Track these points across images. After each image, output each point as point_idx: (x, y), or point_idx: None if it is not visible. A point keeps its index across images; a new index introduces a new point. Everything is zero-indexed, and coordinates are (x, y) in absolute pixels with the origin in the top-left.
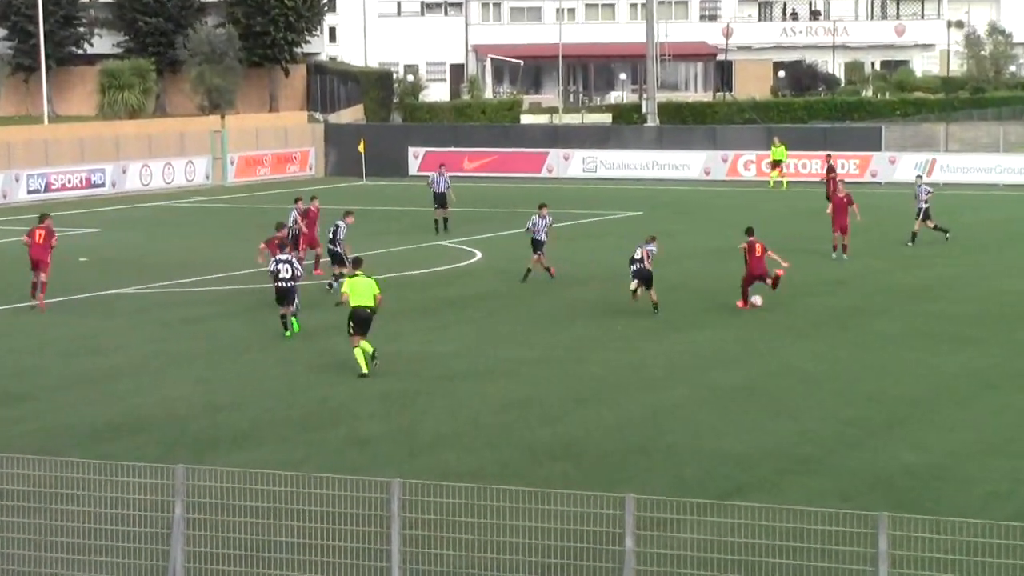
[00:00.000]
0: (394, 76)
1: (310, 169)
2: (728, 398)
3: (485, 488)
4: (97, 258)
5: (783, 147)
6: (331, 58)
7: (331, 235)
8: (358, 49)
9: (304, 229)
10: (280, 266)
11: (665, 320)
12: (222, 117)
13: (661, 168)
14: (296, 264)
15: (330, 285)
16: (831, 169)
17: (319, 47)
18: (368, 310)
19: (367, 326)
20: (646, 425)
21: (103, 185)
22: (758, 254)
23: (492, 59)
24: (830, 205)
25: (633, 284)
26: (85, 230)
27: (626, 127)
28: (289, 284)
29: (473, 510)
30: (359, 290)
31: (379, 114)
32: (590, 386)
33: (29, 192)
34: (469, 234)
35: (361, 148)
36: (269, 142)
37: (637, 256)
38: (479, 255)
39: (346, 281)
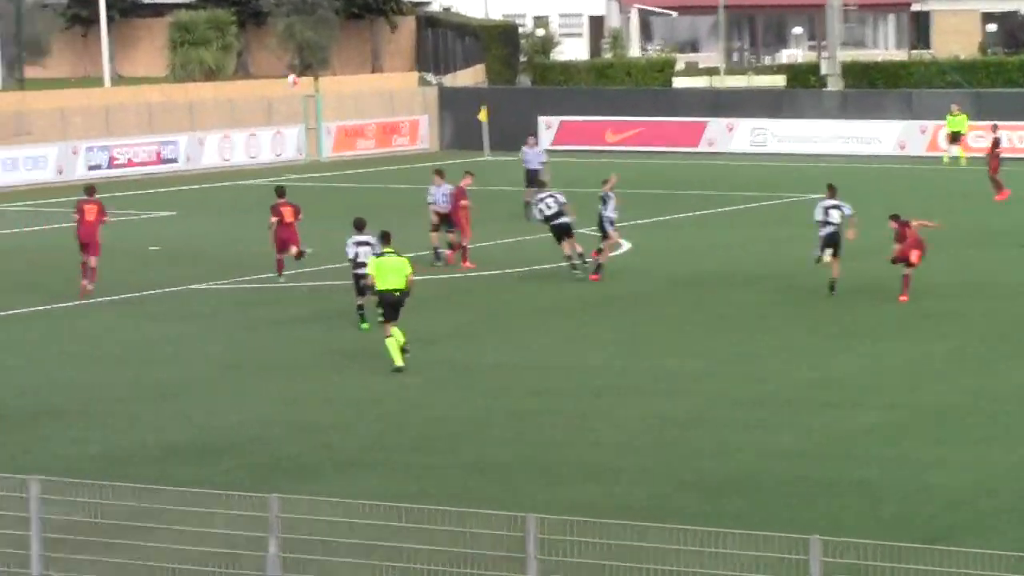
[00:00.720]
0: (521, 30)
1: (421, 141)
2: (932, 422)
3: (638, 526)
4: (169, 247)
5: (964, 116)
6: (445, 9)
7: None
8: None
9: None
10: (360, 249)
11: (850, 326)
12: (316, 79)
13: (845, 142)
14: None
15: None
16: (996, 143)
17: None
18: (397, 293)
19: (397, 311)
20: (834, 453)
21: (175, 160)
22: (910, 238)
23: (639, 10)
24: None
25: (825, 255)
26: (156, 214)
27: (802, 92)
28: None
29: (623, 553)
30: (387, 270)
31: (503, 75)
32: (764, 406)
33: (89, 168)
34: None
35: (482, 116)
36: (372, 109)
37: (832, 219)
38: (625, 246)
39: (372, 261)
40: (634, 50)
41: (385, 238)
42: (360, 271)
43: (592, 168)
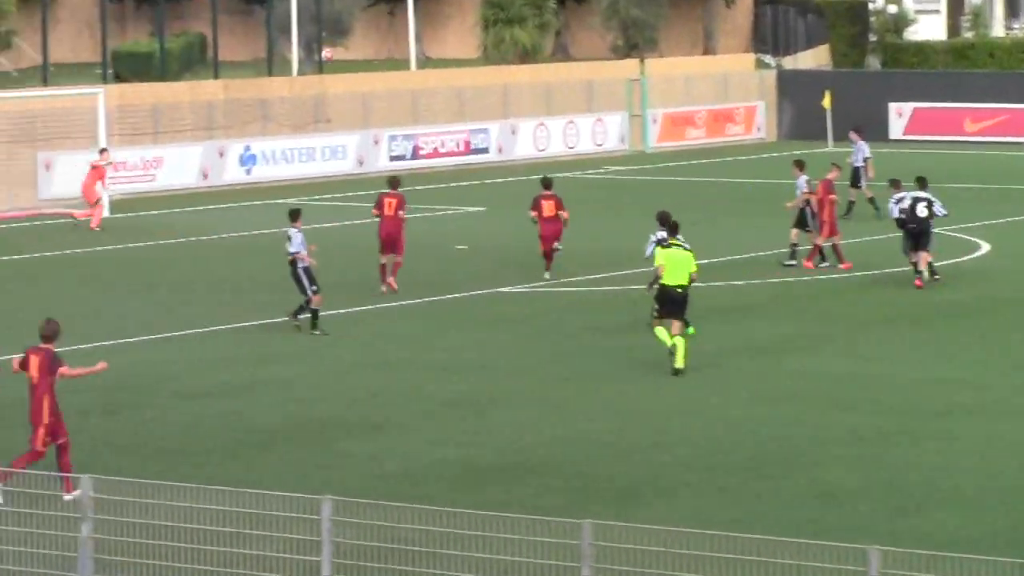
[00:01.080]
0: (871, 7)
1: (757, 130)
2: None
3: (1003, 563)
4: (477, 246)
5: None
6: None
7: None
8: None
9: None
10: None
11: None
12: (641, 61)
13: None
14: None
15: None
16: None
17: None
18: (680, 289)
19: (680, 309)
20: None
21: (486, 150)
22: None
23: None
24: None
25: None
26: (464, 209)
27: None
28: None
29: None
30: (675, 263)
31: (850, 57)
32: None
33: (392, 158)
34: (972, 219)
35: (826, 103)
36: (703, 94)
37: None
38: (985, 247)
39: (659, 252)
40: (998, 29)
41: (674, 228)
42: None
43: (948, 160)
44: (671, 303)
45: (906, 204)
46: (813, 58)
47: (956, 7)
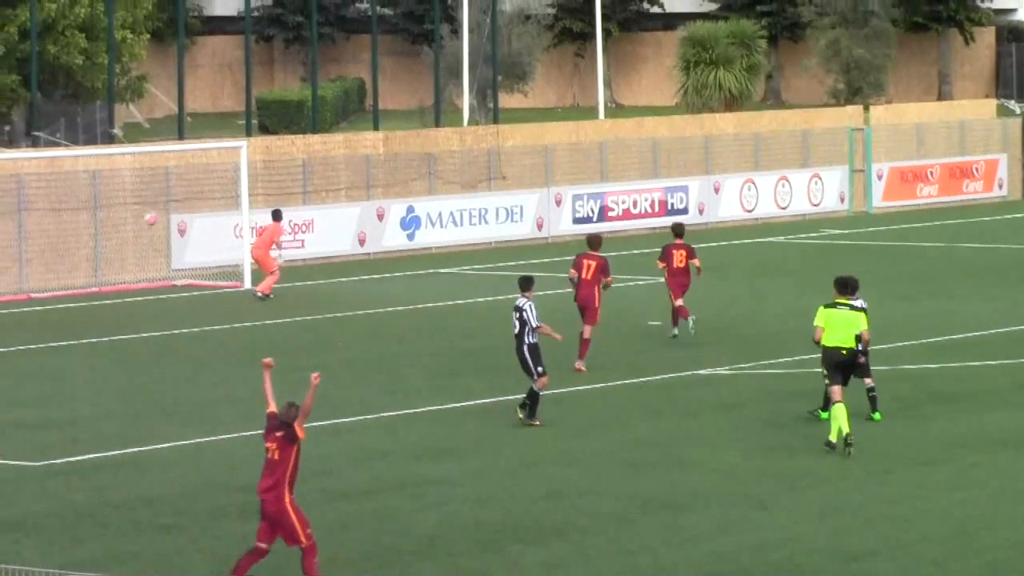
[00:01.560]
0: None
1: (999, 187)
2: None
3: None
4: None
5: None
6: None
7: None
8: None
9: None
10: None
11: None
12: (865, 108)
13: None
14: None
15: None
16: None
17: (1015, 0)
18: (845, 351)
19: (845, 373)
20: None
21: (685, 211)
22: None
23: None
24: None
25: None
26: (659, 279)
27: None
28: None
29: None
30: (836, 323)
31: None
32: None
33: (576, 220)
34: None
35: None
36: (936, 146)
37: None
38: None
39: (820, 312)
40: None
41: (844, 287)
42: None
43: None
44: (835, 367)
45: None
46: None
47: None
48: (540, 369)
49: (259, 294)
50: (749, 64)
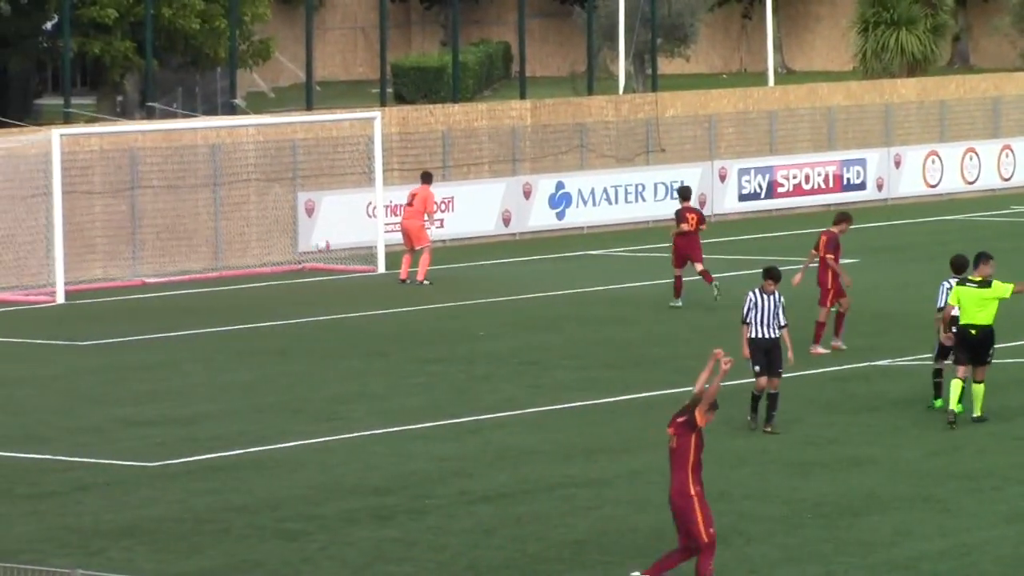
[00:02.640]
0: None
1: None
2: None
3: None
4: (867, 312)
5: None
6: None
7: None
8: None
9: None
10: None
11: None
12: None
13: None
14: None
15: None
16: None
17: None
18: (974, 331)
19: (978, 353)
20: None
21: (863, 186)
22: None
23: None
24: None
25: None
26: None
27: None
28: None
29: None
30: (968, 301)
31: None
32: None
33: (742, 197)
34: None
35: None
36: None
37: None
38: None
39: (954, 291)
40: None
41: (963, 265)
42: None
43: None
44: (964, 346)
45: None
46: None
47: None
48: (757, 368)
49: (420, 282)
50: (934, 25)
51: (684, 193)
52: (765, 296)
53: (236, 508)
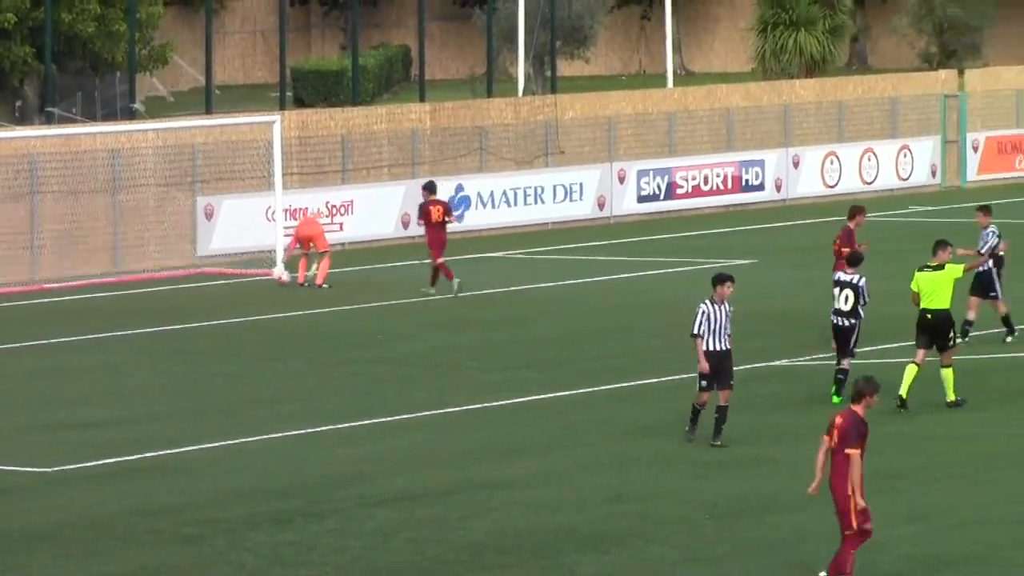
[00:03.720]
0: None
1: None
2: None
3: None
4: (745, 309)
5: None
6: None
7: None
8: None
9: None
10: (842, 291)
11: None
12: (960, 73)
13: None
14: (865, 287)
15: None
16: None
17: None
18: (929, 315)
19: (937, 337)
20: None
21: (761, 187)
22: None
23: None
24: None
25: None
26: (732, 261)
27: None
28: (850, 322)
29: None
30: (926, 286)
31: None
32: None
33: (641, 199)
34: None
35: None
36: None
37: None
38: None
39: (916, 276)
40: None
41: (936, 247)
42: (836, 319)
43: None
44: (926, 332)
45: None
46: None
47: None
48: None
49: (319, 285)
50: (833, 25)
51: (430, 187)
52: (716, 307)
53: (137, 512)
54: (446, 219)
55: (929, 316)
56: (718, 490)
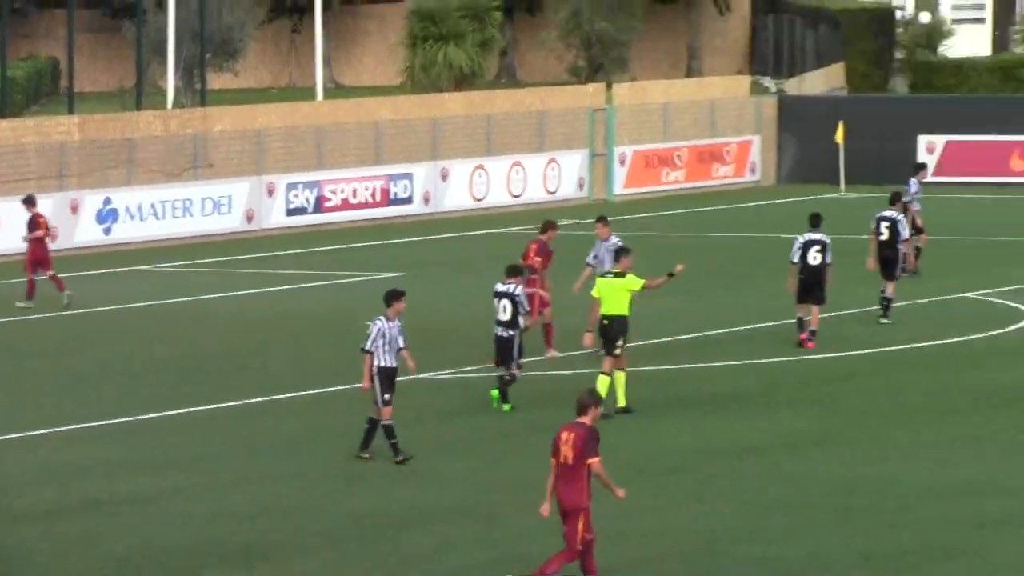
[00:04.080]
0: (898, 15)
1: (751, 172)
2: None
3: None
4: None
5: None
6: None
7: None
8: None
9: None
10: (500, 302)
11: None
12: (608, 86)
13: None
14: (522, 296)
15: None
16: None
17: None
18: (606, 321)
19: (613, 341)
20: None
21: (409, 200)
22: None
23: None
24: None
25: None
26: (378, 275)
27: None
28: (509, 332)
29: None
30: (606, 292)
31: (871, 79)
32: None
33: (289, 212)
34: (1015, 280)
35: (839, 137)
36: (684, 128)
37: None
38: None
39: (598, 281)
40: None
41: (620, 252)
42: (498, 330)
43: (988, 207)
44: (605, 336)
45: (796, 248)
46: (824, 80)
47: (1004, 15)
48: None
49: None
50: (482, 39)
51: (29, 200)
52: (390, 323)
53: None
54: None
55: (606, 322)
56: (360, 503)
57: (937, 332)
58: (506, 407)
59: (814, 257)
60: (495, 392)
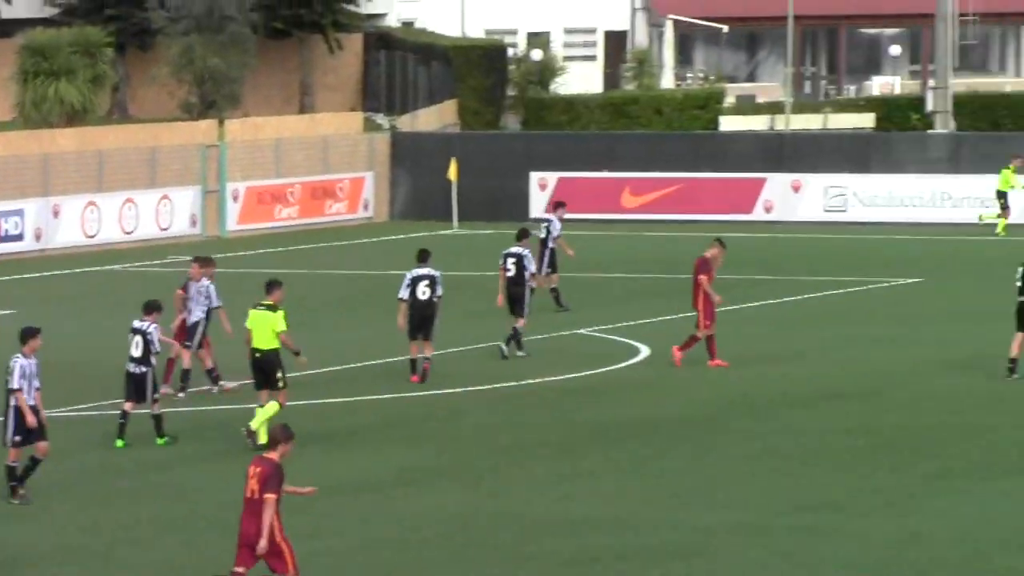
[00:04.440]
0: (510, 52)
1: (364, 208)
2: None
3: None
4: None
5: (1012, 169)
6: (405, 23)
7: None
8: (451, 8)
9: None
10: (134, 338)
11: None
12: (220, 123)
13: (956, 206)
14: (154, 334)
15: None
16: None
17: (386, 5)
18: (258, 354)
19: (267, 375)
20: None
21: (20, 237)
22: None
23: (676, 22)
24: None
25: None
26: None
27: (899, 136)
28: (141, 369)
29: None
30: (256, 324)
31: (483, 116)
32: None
33: None
34: (632, 316)
35: (452, 174)
36: (297, 164)
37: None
38: (645, 351)
39: (251, 314)
40: (667, 79)
41: (271, 286)
42: (130, 367)
43: (600, 243)
44: (256, 369)
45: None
46: (437, 117)
47: (615, 53)
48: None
49: None
50: (94, 75)
51: None
52: (29, 360)
53: None
54: None
55: (258, 355)
56: None
57: (554, 368)
58: (160, 441)
59: (423, 292)
60: (120, 442)
